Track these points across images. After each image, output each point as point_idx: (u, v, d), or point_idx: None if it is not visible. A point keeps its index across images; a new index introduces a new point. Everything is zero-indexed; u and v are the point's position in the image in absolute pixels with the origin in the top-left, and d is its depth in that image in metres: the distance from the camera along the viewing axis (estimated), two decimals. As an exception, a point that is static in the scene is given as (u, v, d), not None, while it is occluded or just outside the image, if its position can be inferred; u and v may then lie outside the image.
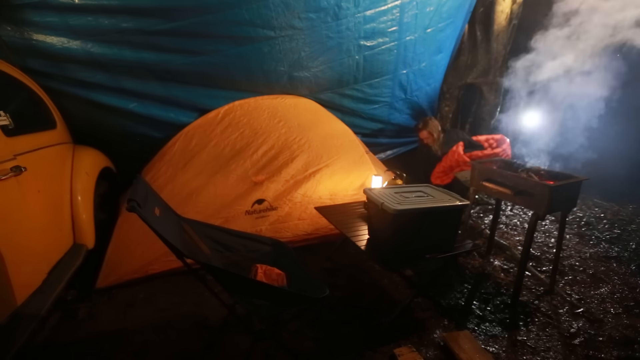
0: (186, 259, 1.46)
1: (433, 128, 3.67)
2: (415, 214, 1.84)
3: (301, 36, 3.05)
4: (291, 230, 2.70)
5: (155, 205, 1.61)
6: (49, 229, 2.02)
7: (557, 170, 2.36)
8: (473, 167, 2.63)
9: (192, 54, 2.96)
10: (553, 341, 2.00)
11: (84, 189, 2.37)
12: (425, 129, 3.68)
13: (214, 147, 2.90)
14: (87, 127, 2.98)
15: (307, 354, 1.88)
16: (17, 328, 1.55)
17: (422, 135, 3.74)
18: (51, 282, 1.86)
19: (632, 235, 3.35)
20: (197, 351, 1.88)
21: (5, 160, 1.67)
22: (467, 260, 2.85)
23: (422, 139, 3.76)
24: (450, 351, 1.85)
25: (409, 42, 3.44)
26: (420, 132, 3.73)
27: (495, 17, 4.08)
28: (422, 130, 3.71)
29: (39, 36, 2.68)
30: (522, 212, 3.85)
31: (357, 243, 2.07)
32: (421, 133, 3.73)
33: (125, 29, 2.75)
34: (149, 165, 2.91)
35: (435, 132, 3.67)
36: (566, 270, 2.74)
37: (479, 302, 2.33)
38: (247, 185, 2.72)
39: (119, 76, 2.96)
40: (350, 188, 2.91)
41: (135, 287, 2.41)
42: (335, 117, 3.51)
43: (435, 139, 3.68)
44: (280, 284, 1.73)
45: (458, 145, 3.33)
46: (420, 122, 3.75)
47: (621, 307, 2.30)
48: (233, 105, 3.18)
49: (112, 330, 2.05)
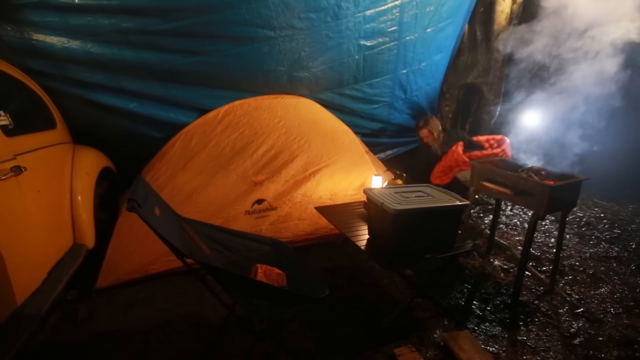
0: (186, 259, 1.46)
1: (433, 127, 3.65)
2: (415, 214, 1.84)
3: (301, 36, 3.04)
4: (291, 230, 2.70)
5: (155, 205, 1.61)
6: (49, 229, 2.01)
7: (557, 170, 2.36)
8: (473, 167, 2.63)
9: (192, 54, 2.96)
10: (553, 341, 2.00)
11: (84, 189, 2.37)
12: (426, 128, 3.66)
13: (214, 147, 2.90)
14: (87, 127, 2.98)
15: (307, 354, 1.88)
16: (17, 328, 1.55)
17: (422, 134, 3.71)
18: (51, 282, 1.86)
19: (632, 235, 3.35)
20: (197, 351, 1.88)
21: (5, 160, 1.67)
22: (467, 260, 2.85)
23: (422, 137, 3.73)
24: (450, 351, 1.85)
25: (409, 42, 3.44)
26: (421, 131, 3.70)
27: (495, 17, 4.08)
28: (422, 129, 3.69)
29: (39, 36, 2.68)
30: (522, 212, 3.85)
31: (357, 243, 2.07)
32: (421, 131, 3.70)
33: (125, 29, 2.75)
34: (149, 165, 2.91)
35: (435, 131, 3.65)
36: (566, 270, 2.73)
37: (479, 302, 2.33)
38: (247, 185, 2.72)
39: (119, 76, 2.96)
40: (350, 188, 2.91)
41: (135, 287, 2.41)
42: (335, 117, 3.51)
43: (435, 138, 3.66)
44: (280, 284, 1.73)
45: (458, 145, 3.33)
46: (421, 120, 3.73)
47: (621, 307, 2.30)
48: (233, 105, 3.18)
49: (112, 330, 2.05)
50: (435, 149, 3.69)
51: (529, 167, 2.46)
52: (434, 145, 3.70)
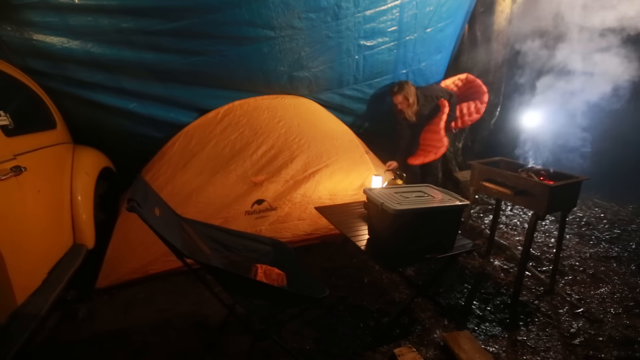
0: (186, 259, 1.46)
1: (409, 92, 3.41)
2: (415, 214, 1.84)
3: (301, 36, 3.04)
4: (291, 231, 2.70)
5: (155, 205, 1.61)
6: (49, 229, 2.01)
7: (557, 170, 2.36)
8: (473, 167, 2.63)
9: (192, 54, 2.95)
10: (553, 341, 2.00)
11: (84, 189, 2.37)
12: (401, 93, 3.40)
13: (214, 147, 2.90)
14: (87, 127, 2.98)
15: (307, 354, 1.88)
16: (17, 328, 1.55)
17: (396, 100, 3.45)
18: (51, 282, 1.86)
19: (632, 235, 3.35)
20: (197, 351, 1.89)
21: (5, 160, 1.67)
22: (467, 260, 2.85)
23: (397, 104, 3.48)
24: (450, 351, 1.85)
25: (409, 42, 3.44)
26: (395, 97, 3.44)
27: (495, 17, 4.08)
28: (397, 95, 3.42)
29: (39, 36, 2.68)
30: (522, 212, 3.85)
31: (357, 243, 2.07)
32: (395, 97, 3.44)
33: (125, 29, 2.74)
34: (149, 165, 2.91)
35: (411, 96, 3.42)
36: (566, 270, 2.74)
37: (479, 302, 2.33)
38: (246, 186, 2.72)
39: (119, 76, 2.95)
40: (350, 188, 2.91)
41: (135, 287, 2.41)
42: (335, 117, 3.51)
43: (410, 104, 3.44)
44: (280, 284, 1.73)
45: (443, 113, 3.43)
46: (396, 85, 3.45)
47: (621, 307, 2.30)
48: (233, 105, 3.18)
49: (112, 330, 2.05)
50: (409, 115, 3.50)
51: (529, 167, 2.47)
52: (407, 112, 3.49)
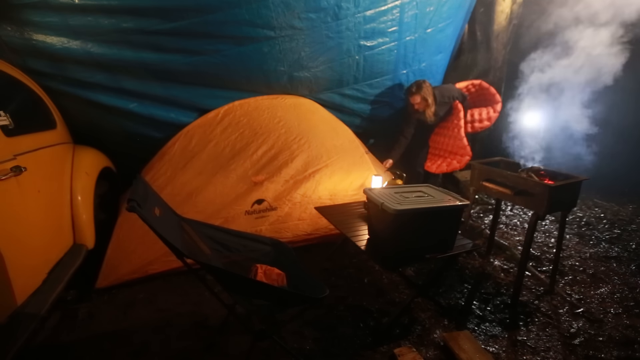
0: (186, 259, 1.46)
1: (427, 92, 3.28)
2: (415, 214, 1.84)
3: (301, 36, 3.04)
4: (291, 230, 2.70)
5: (155, 205, 1.61)
6: (49, 229, 2.01)
7: (557, 170, 2.36)
8: (473, 167, 2.63)
9: (192, 54, 2.95)
10: (553, 341, 2.00)
11: (84, 189, 2.37)
12: (419, 93, 3.26)
13: (214, 147, 2.90)
14: (87, 127, 2.98)
15: (307, 354, 1.88)
16: (17, 328, 1.55)
17: (414, 100, 3.32)
18: (51, 282, 1.86)
19: (632, 235, 3.35)
20: (197, 351, 1.89)
21: (5, 160, 1.67)
22: (467, 260, 2.85)
23: (414, 104, 3.34)
24: (450, 351, 1.85)
25: (409, 42, 3.44)
26: (413, 97, 3.30)
27: (495, 17, 4.08)
28: (414, 95, 3.28)
29: (39, 36, 2.68)
30: (522, 212, 3.85)
31: (357, 243, 2.07)
32: (413, 98, 3.30)
33: (125, 29, 2.75)
34: (149, 165, 2.91)
35: (429, 96, 3.29)
36: (566, 270, 2.73)
37: (479, 302, 2.33)
38: (246, 186, 2.72)
39: (119, 76, 2.96)
40: (350, 188, 2.91)
41: (135, 287, 2.41)
42: (335, 117, 3.51)
43: (429, 104, 3.31)
44: (280, 284, 1.73)
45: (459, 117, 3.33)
46: (414, 85, 3.30)
47: (621, 307, 2.30)
48: (233, 105, 3.18)
49: (111, 330, 2.05)
50: (429, 115, 3.37)
51: (529, 167, 2.47)
52: (427, 111, 3.36)
